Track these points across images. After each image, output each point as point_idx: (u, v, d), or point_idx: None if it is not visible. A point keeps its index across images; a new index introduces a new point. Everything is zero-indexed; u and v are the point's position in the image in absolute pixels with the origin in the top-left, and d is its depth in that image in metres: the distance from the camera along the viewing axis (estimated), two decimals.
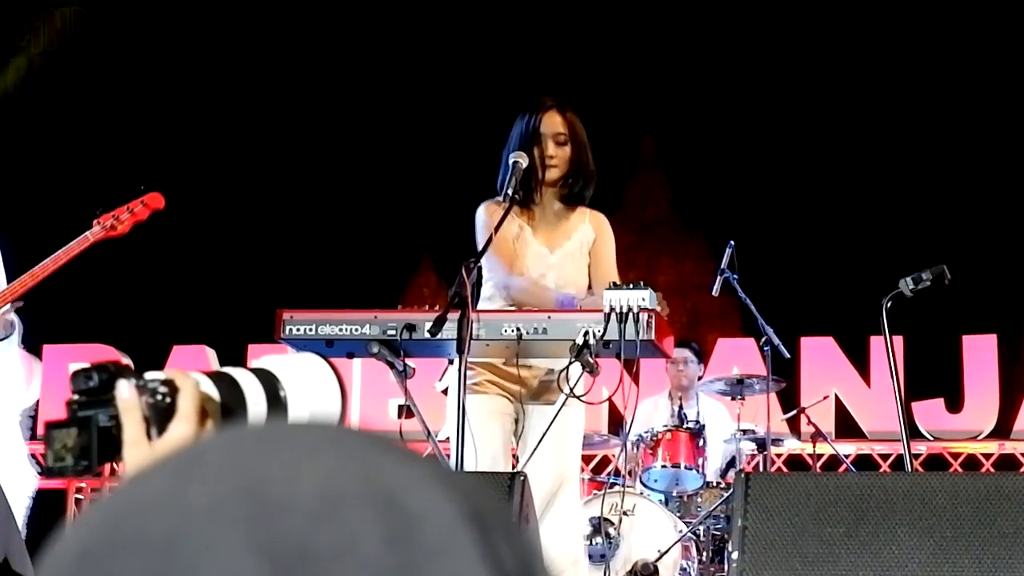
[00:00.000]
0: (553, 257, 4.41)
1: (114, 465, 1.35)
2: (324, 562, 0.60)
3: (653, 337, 3.90)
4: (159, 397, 1.31)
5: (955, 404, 8.44)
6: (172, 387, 1.31)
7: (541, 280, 4.37)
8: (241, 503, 0.62)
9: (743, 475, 3.29)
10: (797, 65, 9.09)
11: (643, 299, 3.90)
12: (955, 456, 8.49)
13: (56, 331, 9.17)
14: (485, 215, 4.44)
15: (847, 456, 7.92)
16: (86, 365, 1.33)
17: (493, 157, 4.52)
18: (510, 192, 4.22)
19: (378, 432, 0.67)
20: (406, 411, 4.26)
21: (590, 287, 4.42)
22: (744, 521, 3.15)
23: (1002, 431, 8.41)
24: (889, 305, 4.39)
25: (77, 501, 8.51)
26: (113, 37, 9.79)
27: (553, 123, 4.39)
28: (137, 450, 1.26)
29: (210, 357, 8.92)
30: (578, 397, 4.06)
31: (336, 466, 0.63)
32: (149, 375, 1.33)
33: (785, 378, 7.16)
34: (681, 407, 6.81)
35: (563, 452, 4.22)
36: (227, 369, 1.42)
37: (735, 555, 3.13)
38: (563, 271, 4.40)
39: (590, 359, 3.88)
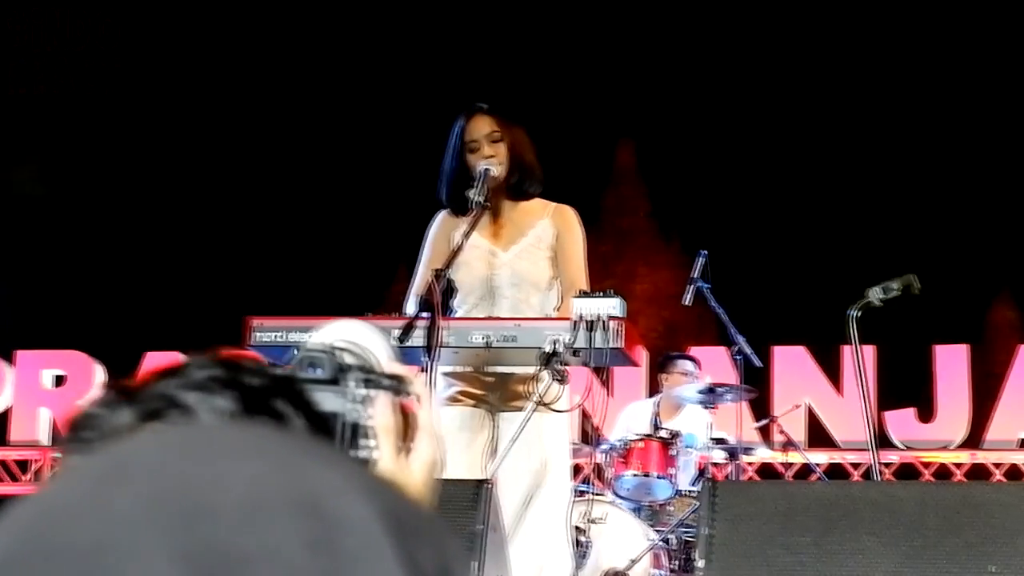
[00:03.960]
0: (506, 255, 4.36)
1: None
2: (245, 568, 0.60)
3: (622, 345, 3.90)
4: (406, 396, 1.14)
5: (927, 414, 8.47)
6: (412, 394, 1.14)
7: (492, 280, 4.36)
8: (165, 510, 0.62)
9: (709, 483, 3.29)
10: (771, 76, 9.12)
11: (612, 307, 3.90)
12: (927, 466, 8.52)
13: (29, 337, 9.14)
14: (432, 227, 4.50)
15: (819, 465, 7.93)
16: (313, 350, 1.08)
17: None
18: (481, 200, 4.21)
19: (304, 435, 0.66)
20: None
21: (563, 291, 4.38)
22: (710, 530, 3.15)
23: (973, 441, 8.44)
24: (858, 315, 4.35)
25: None
26: (96, 39, 9.77)
27: (481, 125, 4.37)
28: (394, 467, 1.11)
29: None
30: (547, 405, 4.04)
31: (261, 471, 0.63)
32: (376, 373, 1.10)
33: (757, 387, 7.16)
34: (656, 414, 6.79)
35: (534, 460, 4.19)
36: (343, 344, 1.19)
37: (701, 564, 3.12)
38: (516, 268, 4.35)
39: (559, 367, 3.87)
